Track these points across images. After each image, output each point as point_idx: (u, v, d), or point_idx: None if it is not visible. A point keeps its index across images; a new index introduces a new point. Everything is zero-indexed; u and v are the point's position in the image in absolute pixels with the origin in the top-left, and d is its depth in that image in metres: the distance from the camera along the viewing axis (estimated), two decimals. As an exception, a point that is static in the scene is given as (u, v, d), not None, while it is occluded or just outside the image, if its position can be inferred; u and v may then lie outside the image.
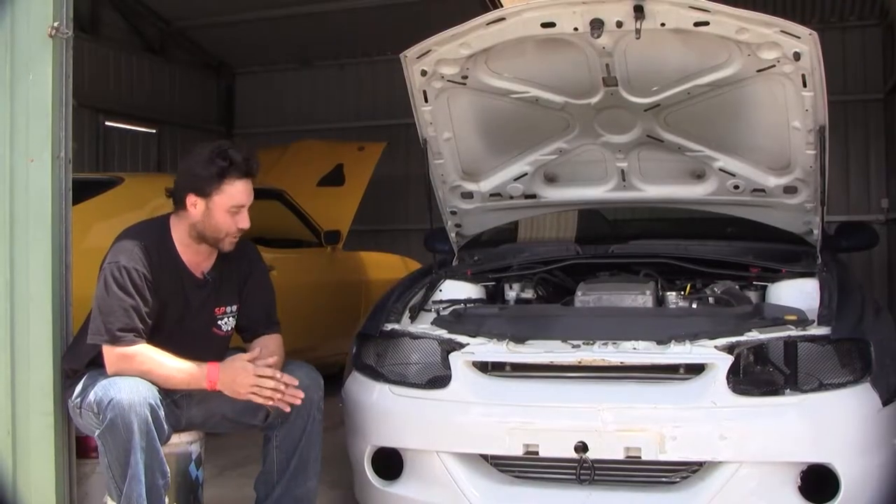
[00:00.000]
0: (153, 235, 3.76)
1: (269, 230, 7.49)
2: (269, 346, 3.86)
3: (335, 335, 7.24)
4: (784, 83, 4.14)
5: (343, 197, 8.78)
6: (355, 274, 8.20)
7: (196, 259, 3.82)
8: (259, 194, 7.59)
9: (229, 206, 3.70)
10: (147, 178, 8.49)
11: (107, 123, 11.33)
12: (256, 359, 3.68)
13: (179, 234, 3.78)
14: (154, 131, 12.15)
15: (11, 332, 3.88)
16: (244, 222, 3.74)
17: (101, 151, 11.19)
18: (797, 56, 3.97)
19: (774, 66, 4.07)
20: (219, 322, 3.87)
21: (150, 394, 3.48)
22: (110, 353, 3.59)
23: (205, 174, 3.69)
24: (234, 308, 3.92)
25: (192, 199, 3.72)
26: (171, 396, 3.69)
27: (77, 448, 3.90)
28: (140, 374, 3.55)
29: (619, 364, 3.84)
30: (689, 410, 3.69)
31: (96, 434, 3.50)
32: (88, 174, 7.89)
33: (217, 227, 3.72)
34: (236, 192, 3.70)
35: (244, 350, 3.90)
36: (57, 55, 3.89)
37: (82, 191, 4.98)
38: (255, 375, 3.60)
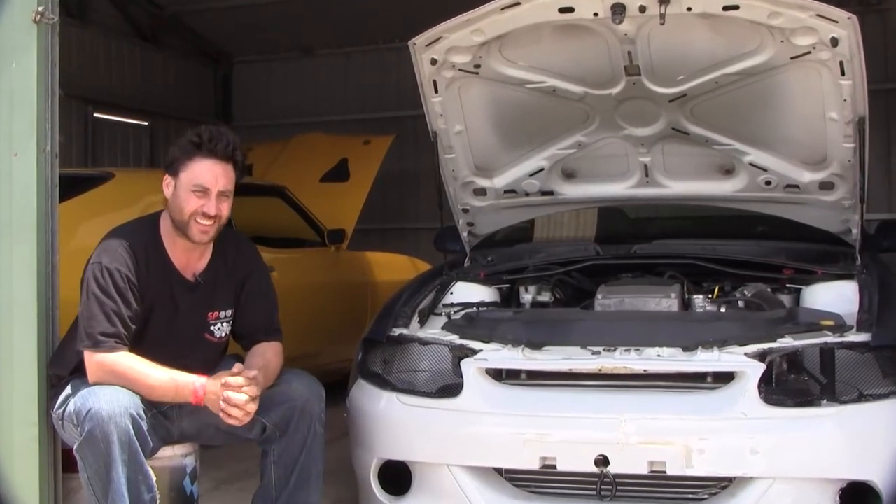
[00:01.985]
0: (141, 234, 3.76)
1: (270, 229, 7.49)
2: (267, 355, 3.84)
3: (339, 341, 7.23)
4: (820, 71, 4.13)
5: (348, 193, 8.78)
6: (361, 275, 8.20)
7: (187, 259, 3.81)
8: (259, 191, 7.68)
9: (192, 184, 3.68)
10: (139, 173, 8.50)
11: (96, 115, 11.35)
12: (240, 374, 3.63)
13: (167, 230, 3.78)
14: (146, 124, 12.17)
15: (-7, 338, 3.88)
16: (209, 207, 3.69)
17: (89, 145, 11.21)
18: (835, 42, 3.96)
19: (810, 52, 4.06)
20: (211, 327, 3.86)
21: (131, 403, 3.46)
22: (90, 359, 3.58)
23: (176, 151, 3.73)
24: (229, 313, 3.90)
25: (166, 180, 3.75)
26: (159, 408, 3.68)
27: (64, 461, 3.90)
28: (121, 383, 3.53)
29: (642, 372, 3.83)
30: (717, 422, 3.68)
31: (74, 447, 3.49)
32: (76, 169, 7.93)
33: (180, 207, 3.70)
34: (200, 169, 3.69)
35: (242, 358, 3.90)
36: (42, 42, 3.88)
37: (70, 187, 4.99)
38: (222, 398, 3.53)
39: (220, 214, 3.72)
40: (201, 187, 3.68)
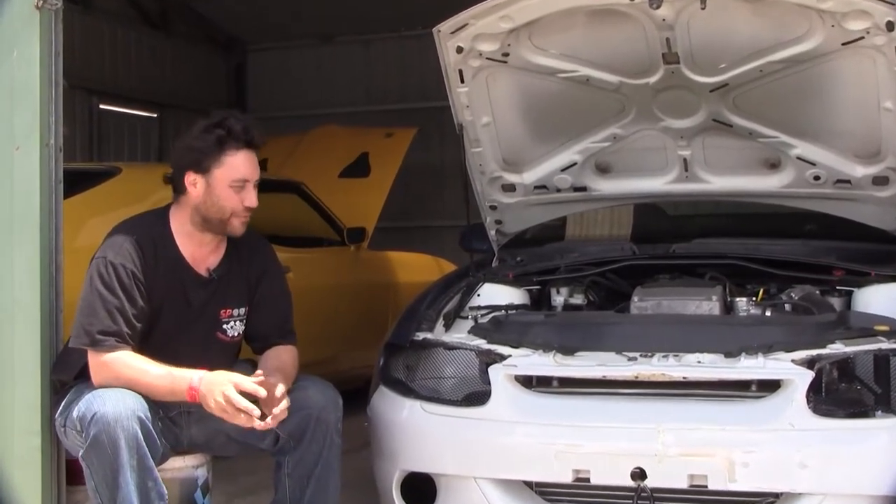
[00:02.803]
0: (149, 228, 3.78)
1: (286, 227, 7.50)
2: (283, 358, 3.85)
3: (359, 345, 7.25)
4: (874, 58, 4.11)
5: (368, 189, 8.79)
6: (382, 276, 8.21)
7: (200, 253, 3.82)
8: (275, 187, 7.71)
9: (231, 179, 3.70)
10: (147, 168, 8.54)
11: (101, 107, 11.43)
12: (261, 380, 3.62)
13: (180, 224, 3.79)
14: (155, 116, 12.25)
15: (-6, 342, 3.90)
16: (251, 200, 3.74)
17: (95, 138, 11.30)
18: (890, 26, 3.93)
19: (863, 38, 4.04)
20: (224, 326, 3.88)
21: (138, 406, 3.48)
22: (92, 360, 3.60)
23: (202, 146, 3.72)
24: (243, 311, 3.92)
25: (190, 178, 3.74)
26: (168, 413, 3.70)
27: (68, 472, 3.92)
28: (122, 384, 3.54)
29: (681, 379, 3.82)
30: (762, 433, 3.66)
31: (80, 454, 3.50)
32: (81, 164, 7.97)
33: (220, 205, 3.72)
34: (238, 163, 3.72)
35: (256, 362, 3.90)
36: (45, 29, 3.90)
37: (74, 183, 5.00)
38: (230, 403, 3.49)
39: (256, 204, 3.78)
40: (242, 181, 3.72)
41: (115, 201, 5.95)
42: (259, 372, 3.66)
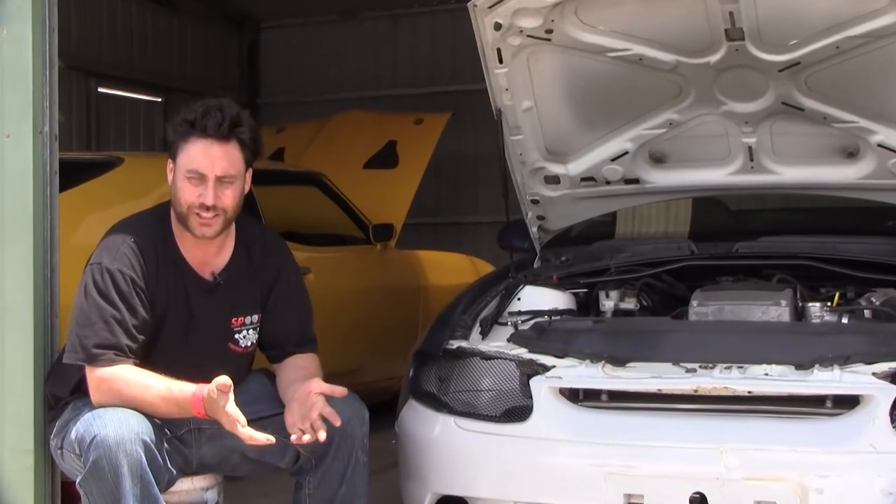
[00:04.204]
0: (149, 229, 3.79)
1: (305, 224, 7.53)
2: (309, 368, 3.86)
3: (386, 355, 7.27)
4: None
5: (396, 182, 8.82)
6: (412, 278, 8.23)
7: (202, 255, 3.83)
8: (292, 179, 7.72)
9: (186, 169, 3.70)
10: (151, 158, 8.55)
11: (100, 90, 11.48)
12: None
13: (176, 221, 3.81)
14: (159, 100, 12.30)
15: (-17, 351, 3.93)
16: (208, 197, 3.68)
17: (93, 125, 11.35)
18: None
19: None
20: (235, 335, 3.89)
21: (142, 427, 3.49)
22: (90, 376, 3.61)
23: (171, 132, 3.78)
24: (255, 318, 3.92)
25: (168, 166, 3.79)
26: (176, 432, 3.71)
27: (64, 496, 3.94)
28: (124, 402, 3.55)
29: (746, 394, 3.80)
30: (839, 455, 3.64)
31: (78, 481, 3.51)
32: (79, 153, 8.01)
33: (177, 196, 3.73)
34: (194, 151, 3.70)
35: (272, 373, 3.91)
36: (37, 4, 3.92)
37: (71, 174, 5.04)
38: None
39: (223, 205, 3.71)
40: (196, 173, 3.69)
41: (116, 195, 5.99)
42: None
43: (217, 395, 3.44)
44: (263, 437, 3.48)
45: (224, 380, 3.43)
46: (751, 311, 4.40)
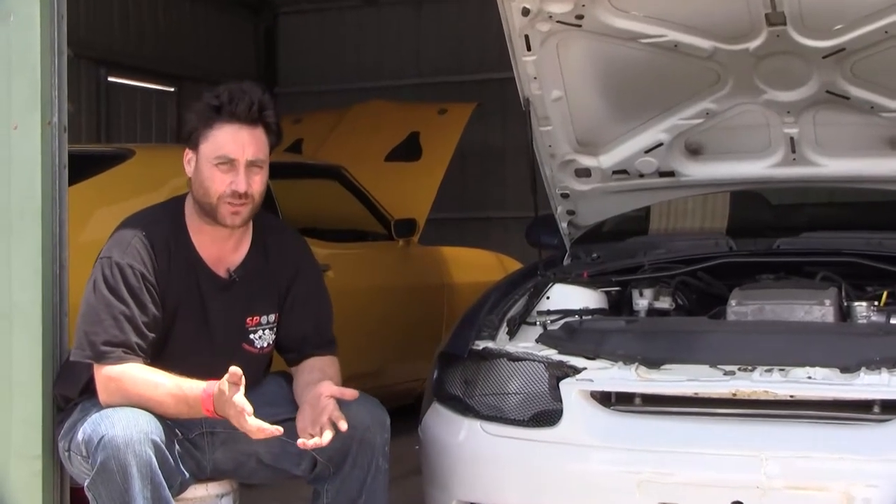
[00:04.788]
0: (161, 223, 3.80)
1: (324, 219, 7.54)
2: (326, 370, 3.86)
3: (410, 356, 7.28)
4: None
5: (419, 175, 8.82)
6: (436, 276, 8.23)
7: (218, 251, 3.84)
8: (310, 172, 7.73)
9: (214, 156, 3.71)
10: (164, 150, 8.60)
11: (111, 79, 11.52)
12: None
13: (192, 217, 3.82)
14: (172, 90, 12.34)
15: (-11, 351, 3.94)
16: (240, 184, 3.69)
17: (103, 116, 11.39)
18: None
19: None
20: (251, 335, 3.89)
21: (152, 427, 3.49)
22: (98, 375, 3.63)
23: (193, 118, 3.78)
24: (272, 318, 3.93)
25: (187, 156, 3.79)
26: (188, 434, 3.71)
27: (72, 502, 3.95)
28: (133, 401, 3.56)
29: (787, 398, 3.79)
30: (888, 463, 3.61)
31: (86, 484, 3.52)
32: (88, 145, 8.04)
33: (204, 186, 3.73)
34: (222, 137, 3.71)
35: (290, 375, 3.92)
36: (46, -11, 3.94)
37: (81, 167, 5.05)
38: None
39: (253, 191, 3.73)
40: (226, 159, 3.70)
41: (127, 188, 6.01)
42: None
43: (227, 387, 3.44)
44: (272, 429, 3.48)
45: (235, 370, 3.43)
46: (793, 311, 4.39)
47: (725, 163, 5.10)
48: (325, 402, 3.60)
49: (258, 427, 3.46)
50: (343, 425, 3.56)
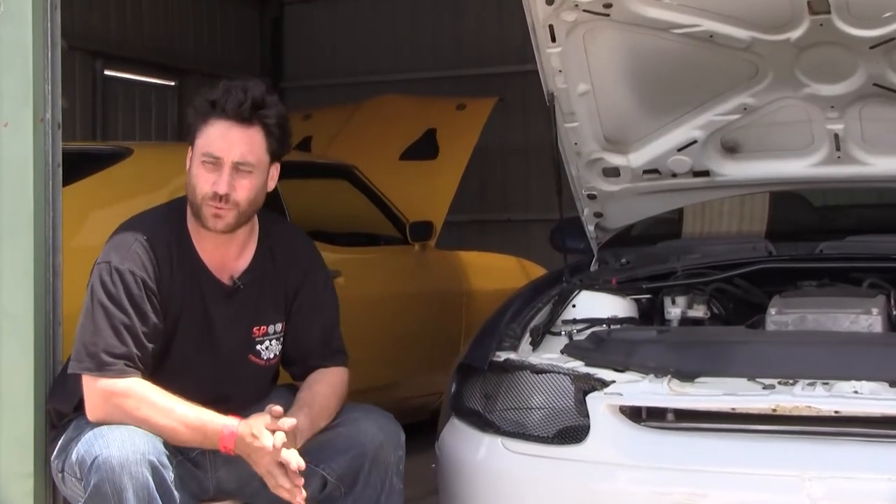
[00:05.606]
0: (162, 227, 3.80)
1: (334, 221, 7.55)
2: (315, 388, 3.85)
3: (426, 368, 7.28)
4: None
5: (436, 175, 8.82)
6: (454, 282, 8.23)
7: (221, 257, 3.84)
8: (320, 171, 7.73)
9: (201, 152, 3.71)
10: (164, 148, 8.62)
11: (107, 73, 11.54)
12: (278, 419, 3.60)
13: (192, 218, 3.81)
14: (173, 84, 12.37)
15: (-23, 363, 3.95)
16: (221, 185, 3.67)
17: (99, 111, 11.41)
18: None
19: None
20: (257, 346, 3.89)
21: (150, 448, 3.48)
22: (91, 388, 3.61)
23: (192, 114, 3.79)
24: (279, 327, 3.93)
25: (189, 153, 3.80)
26: (188, 454, 3.71)
27: (67, 524, 3.96)
28: (134, 421, 3.55)
29: (832, 414, 3.77)
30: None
31: (79, 508, 3.53)
32: (83, 143, 8.05)
33: (191, 185, 3.74)
34: (211, 134, 3.71)
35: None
36: (40, -23, 3.95)
37: (76, 166, 5.06)
38: (276, 461, 3.53)
39: (237, 197, 3.70)
40: (211, 157, 3.70)
41: (125, 189, 6.03)
42: (272, 411, 3.60)
43: (266, 435, 3.50)
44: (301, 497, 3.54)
45: (278, 409, 3.49)
46: (837, 321, 4.38)
47: (764, 161, 5.10)
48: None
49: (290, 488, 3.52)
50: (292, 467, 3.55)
